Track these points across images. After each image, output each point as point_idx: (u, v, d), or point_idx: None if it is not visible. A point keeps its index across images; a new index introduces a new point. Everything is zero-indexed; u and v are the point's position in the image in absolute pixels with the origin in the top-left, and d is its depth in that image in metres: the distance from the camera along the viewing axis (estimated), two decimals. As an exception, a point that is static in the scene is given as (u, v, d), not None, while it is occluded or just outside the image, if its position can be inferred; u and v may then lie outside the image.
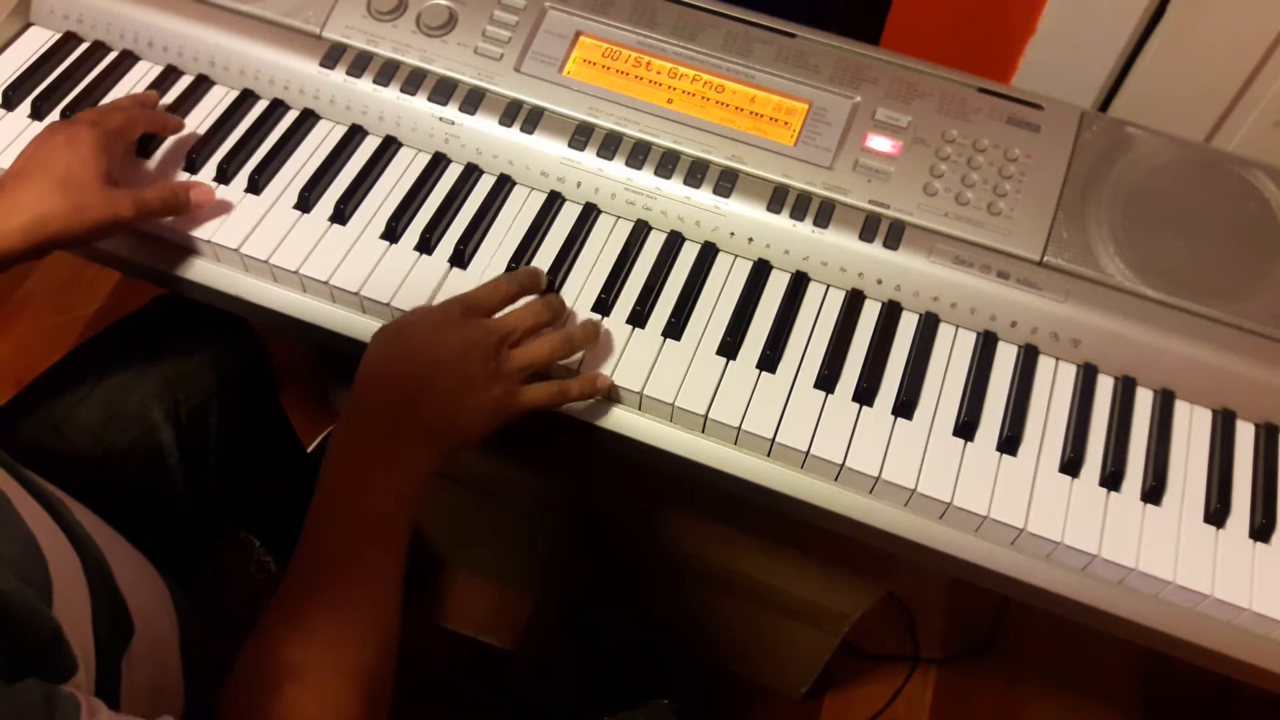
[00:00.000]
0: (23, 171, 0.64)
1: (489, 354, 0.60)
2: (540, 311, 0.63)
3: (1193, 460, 0.64)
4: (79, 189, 0.63)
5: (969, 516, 0.62)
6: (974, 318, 0.68)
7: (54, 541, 0.46)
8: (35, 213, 0.62)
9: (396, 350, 0.60)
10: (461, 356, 0.59)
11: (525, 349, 0.62)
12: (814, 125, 0.72)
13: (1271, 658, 0.60)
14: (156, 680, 0.56)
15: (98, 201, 0.63)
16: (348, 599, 0.54)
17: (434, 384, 0.58)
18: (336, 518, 0.56)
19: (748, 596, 1.00)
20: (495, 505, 1.07)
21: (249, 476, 0.89)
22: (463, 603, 1.30)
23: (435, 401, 0.58)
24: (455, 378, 0.59)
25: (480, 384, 0.59)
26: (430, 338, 0.60)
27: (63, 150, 0.64)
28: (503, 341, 0.61)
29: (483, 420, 0.60)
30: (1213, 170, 0.69)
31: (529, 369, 0.62)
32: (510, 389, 0.61)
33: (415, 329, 0.61)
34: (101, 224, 0.64)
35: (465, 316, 0.61)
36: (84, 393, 0.75)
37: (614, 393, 0.66)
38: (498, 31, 0.76)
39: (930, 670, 1.28)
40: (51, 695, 0.36)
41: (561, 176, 0.73)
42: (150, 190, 0.67)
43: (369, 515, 0.56)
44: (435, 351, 0.59)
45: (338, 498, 0.56)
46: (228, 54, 0.78)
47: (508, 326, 0.62)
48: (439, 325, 0.60)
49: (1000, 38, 0.88)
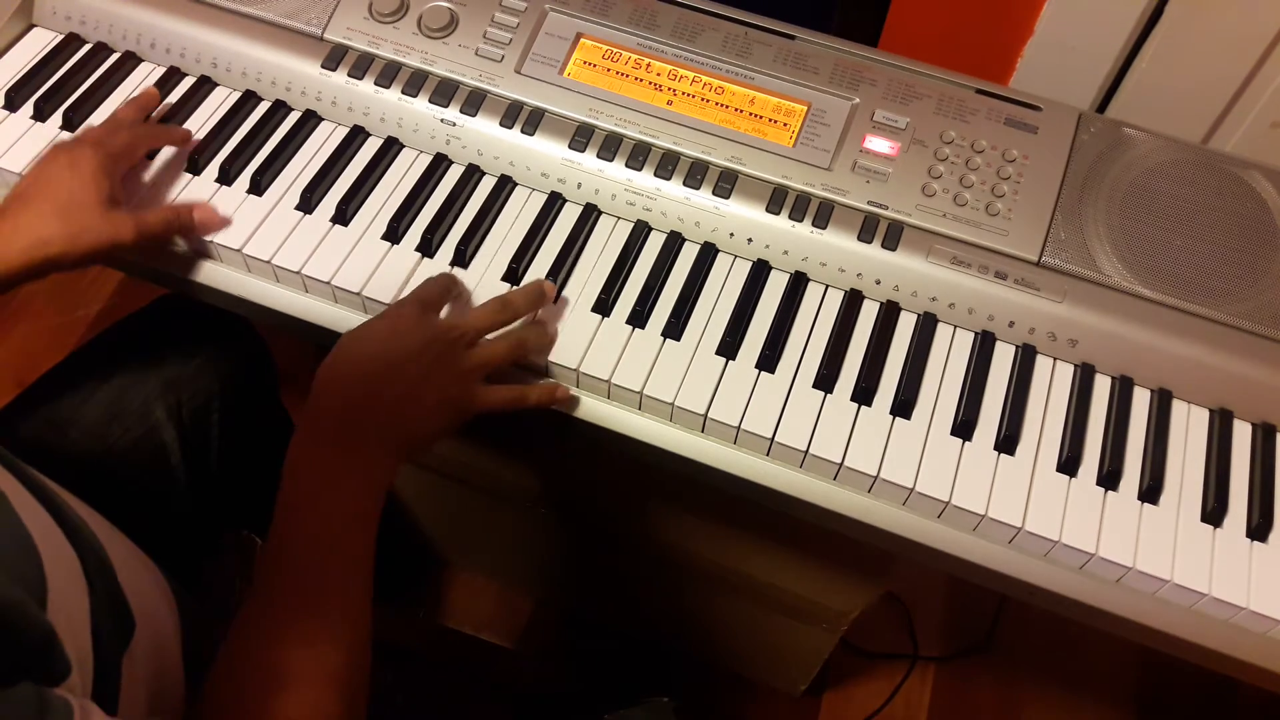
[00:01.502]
0: (24, 194, 0.64)
1: (445, 353, 0.60)
2: (497, 311, 0.64)
3: (1190, 460, 0.65)
4: (80, 212, 0.63)
5: (967, 515, 0.62)
6: (972, 318, 0.69)
7: (51, 539, 0.46)
8: (35, 236, 0.62)
9: (354, 353, 0.60)
10: (417, 357, 0.59)
11: (481, 349, 0.63)
12: (813, 126, 0.72)
13: (1268, 656, 0.60)
14: (158, 678, 0.56)
15: (98, 225, 0.64)
16: (319, 600, 0.54)
17: (390, 385, 0.59)
18: (301, 522, 0.55)
19: (747, 595, 1.01)
20: (496, 505, 1.07)
21: (251, 476, 0.89)
22: (464, 601, 1.30)
23: (391, 402, 0.59)
24: (411, 378, 0.59)
25: (436, 384, 0.60)
26: (387, 341, 0.60)
27: (64, 173, 0.64)
28: (458, 341, 0.61)
29: (439, 419, 0.60)
30: (1210, 171, 0.69)
31: (485, 369, 0.62)
32: (466, 389, 0.61)
33: (372, 332, 0.61)
34: (101, 247, 0.64)
35: (421, 315, 0.62)
36: (87, 392, 0.75)
37: (613, 391, 0.66)
38: (498, 33, 0.76)
39: (928, 668, 1.28)
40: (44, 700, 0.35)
41: (562, 177, 0.74)
42: (152, 213, 0.67)
43: (333, 517, 0.56)
44: (392, 353, 0.59)
45: (302, 501, 0.56)
46: (230, 56, 0.78)
47: (463, 326, 0.62)
48: (394, 327, 0.61)
49: (998, 39, 0.89)
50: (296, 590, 0.54)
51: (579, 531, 1.08)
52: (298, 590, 0.54)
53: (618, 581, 1.17)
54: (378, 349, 0.60)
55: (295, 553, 0.55)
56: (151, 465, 0.76)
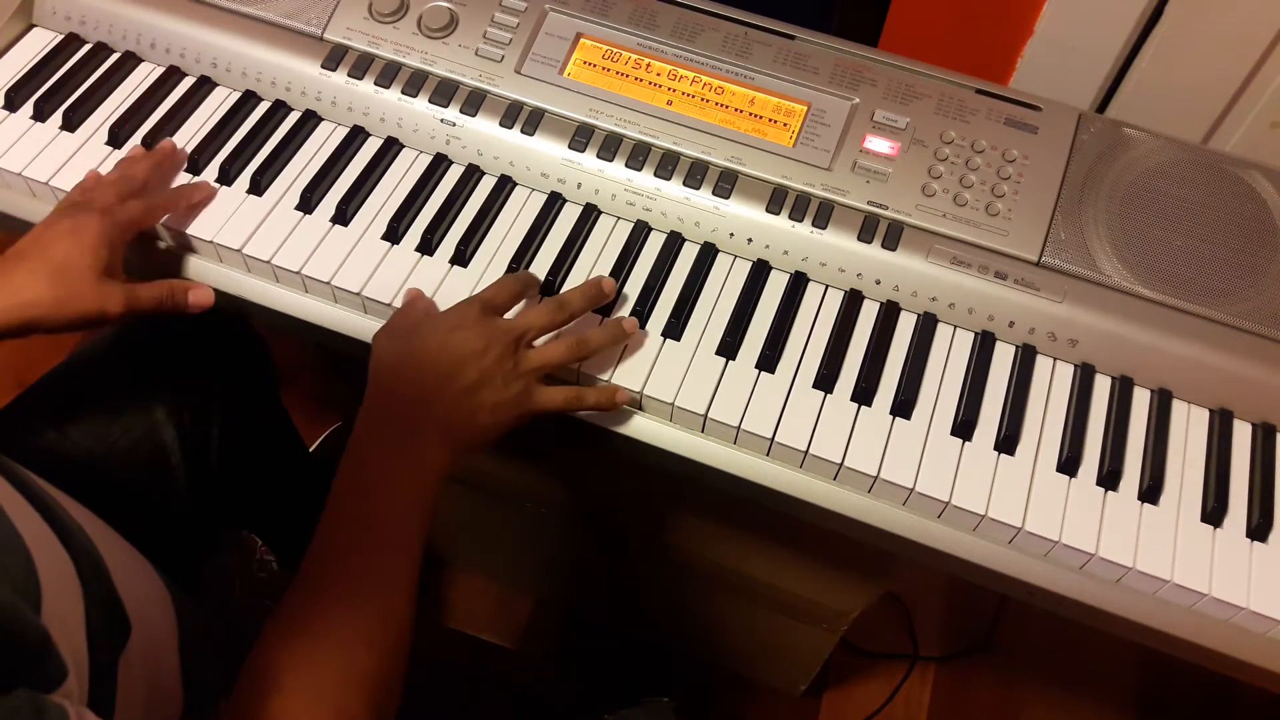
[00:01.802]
0: (22, 252, 0.63)
1: (506, 353, 0.61)
2: (555, 311, 0.64)
3: (1190, 460, 0.65)
4: (72, 279, 0.62)
5: (967, 515, 0.62)
6: (972, 318, 0.69)
7: (44, 541, 0.46)
8: (22, 297, 0.61)
9: (414, 349, 0.61)
10: (480, 355, 0.60)
11: (541, 350, 0.63)
12: (813, 126, 0.72)
13: (1269, 656, 0.60)
14: (154, 680, 0.56)
15: (88, 294, 0.63)
16: (359, 599, 0.54)
17: (452, 381, 0.59)
18: (353, 518, 0.56)
19: (747, 595, 1.01)
20: (497, 505, 1.07)
21: (251, 476, 0.90)
22: (465, 601, 1.30)
23: (454, 399, 0.59)
24: (474, 375, 0.60)
25: (498, 382, 0.60)
26: (449, 336, 0.61)
27: (65, 238, 0.63)
28: (519, 340, 0.62)
29: (500, 418, 0.60)
30: (1210, 171, 0.69)
31: (544, 369, 0.63)
32: (527, 388, 0.62)
33: (432, 329, 0.61)
34: (87, 317, 0.63)
35: (483, 315, 0.62)
36: (87, 393, 0.75)
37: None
38: (498, 33, 0.76)
39: (928, 668, 1.28)
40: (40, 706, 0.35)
41: (562, 177, 0.74)
42: (145, 289, 0.66)
43: (386, 515, 0.56)
44: (454, 350, 0.60)
45: (355, 497, 0.57)
46: (230, 56, 0.78)
47: (523, 325, 0.62)
48: (457, 324, 0.61)
49: (998, 39, 0.89)
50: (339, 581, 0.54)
51: (579, 532, 1.08)
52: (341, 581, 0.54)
53: (618, 581, 1.17)
54: (438, 347, 0.60)
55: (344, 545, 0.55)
56: (151, 465, 0.76)
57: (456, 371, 0.60)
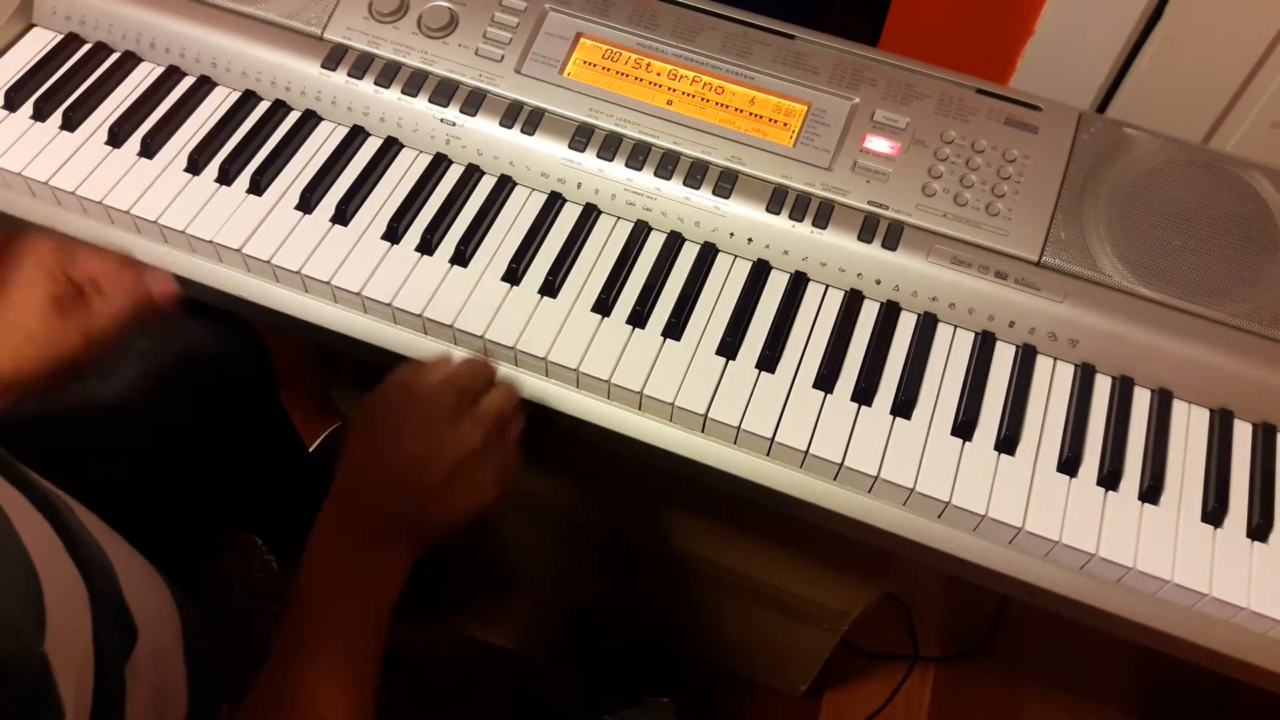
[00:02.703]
0: None
1: (478, 461, 0.59)
2: (512, 393, 0.63)
3: (1190, 460, 0.65)
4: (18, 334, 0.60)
5: (967, 515, 0.62)
6: (972, 318, 0.69)
7: (49, 551, 0.46)
8: None
9: (389, 450, 0.59)
10: (455, 467, 0.58)
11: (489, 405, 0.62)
12: (813, 126, 0.72)
13: (1269, 656, 0.60)
14: (160, 684, 0.56)
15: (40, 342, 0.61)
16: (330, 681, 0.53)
17: (422, 490, 0.58)
18: (319, 613, 0.55)
19: (747, 595, 1.01)
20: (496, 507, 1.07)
21: (251, 476, 0.90)
22: (465, 601, 1.30)
23: (418, 504, 0.58)
24: (445, 484, 0.58)
25: (467, 486, 0.59)
26: (425, 442, 0.58)
27: None
28: (489, 440, 0.60)
29: (466, 513, 0.60)
30: (1210, 171, 0.69)
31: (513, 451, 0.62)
32: (499, 481, 0.61)
33: (409, 426, 0.59)
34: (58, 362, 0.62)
35: (458, 412, 0.60)
36: (86, 393, 0.75)
37: (613, 391, 0.66)
38: (498, 33, 0.76)
39: (929, 669, 1.28)
40: None
41: (562, 177, 0.74)
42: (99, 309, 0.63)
43: (351, 612, 0.56)
44: (430, 459, 0.58)
45: (321, 594, 0.56)
46: (230, 55, 0.78)
47: (489, 420, 0.61)
48: (432, 425, 0.59)
49: (998, 39, 0.89)
50: (303, 682, 0.53)
51: (580, 532, 1.08)
52: (304, 681, 0.53)
53: (618, 582, 1.17)
54: (415, 454, 0.58)
55: (309, 644, 0.54)
56: (151, 466, 0.76)
57: (429, 479, 0.58)
